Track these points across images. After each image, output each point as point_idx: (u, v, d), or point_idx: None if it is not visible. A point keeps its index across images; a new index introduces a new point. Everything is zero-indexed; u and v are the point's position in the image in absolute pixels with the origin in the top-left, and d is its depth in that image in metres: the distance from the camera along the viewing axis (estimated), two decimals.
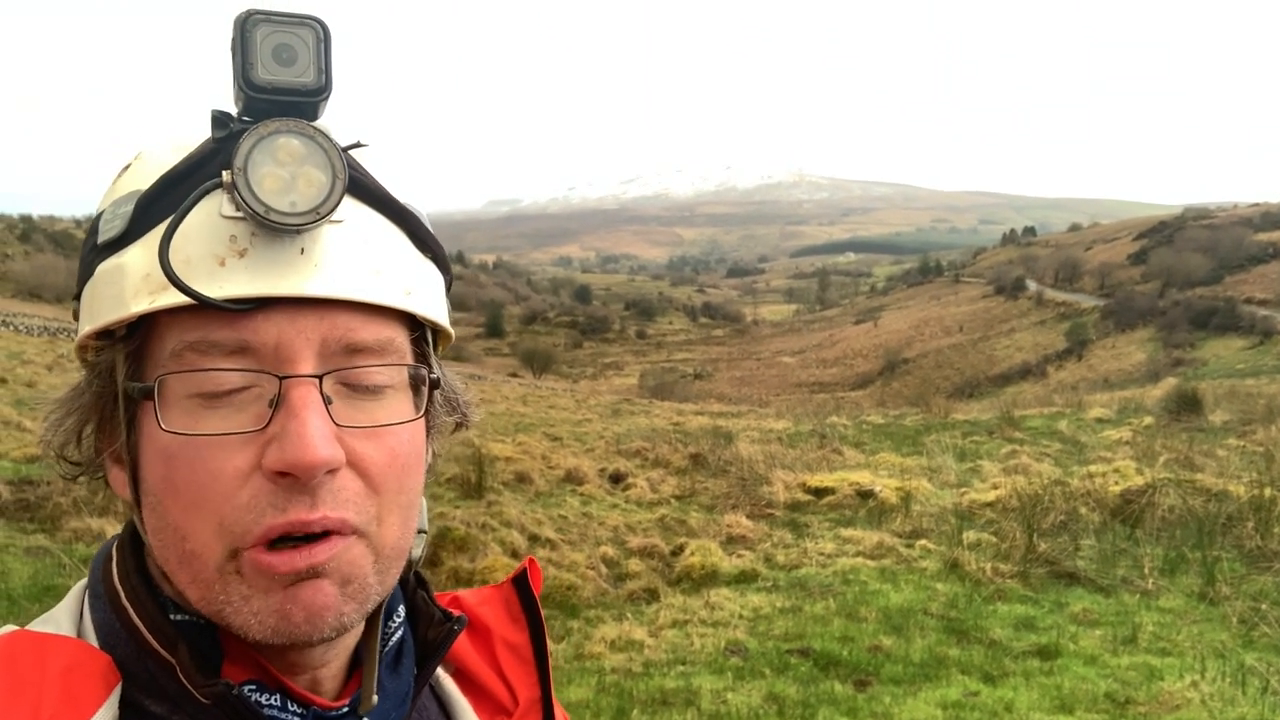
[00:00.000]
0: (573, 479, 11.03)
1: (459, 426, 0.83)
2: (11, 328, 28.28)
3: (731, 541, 8.08)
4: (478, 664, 0.88)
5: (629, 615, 6.19)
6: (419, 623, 0.81)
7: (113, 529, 7.10)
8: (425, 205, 0.80)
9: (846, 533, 8.14)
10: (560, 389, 46.93)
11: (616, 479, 11.33)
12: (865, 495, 9.51)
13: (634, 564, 7.38)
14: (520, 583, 0.91)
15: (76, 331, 0.72)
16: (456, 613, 0.82)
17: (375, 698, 0.74)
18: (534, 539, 7.64)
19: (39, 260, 64.06)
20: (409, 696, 0.78)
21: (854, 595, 6.45)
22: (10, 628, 0.68)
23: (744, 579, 7.01)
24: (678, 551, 7.67)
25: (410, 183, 0.78)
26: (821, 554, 7.53)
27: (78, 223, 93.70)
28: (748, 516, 8.92)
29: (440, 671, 0.86)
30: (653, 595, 6.70)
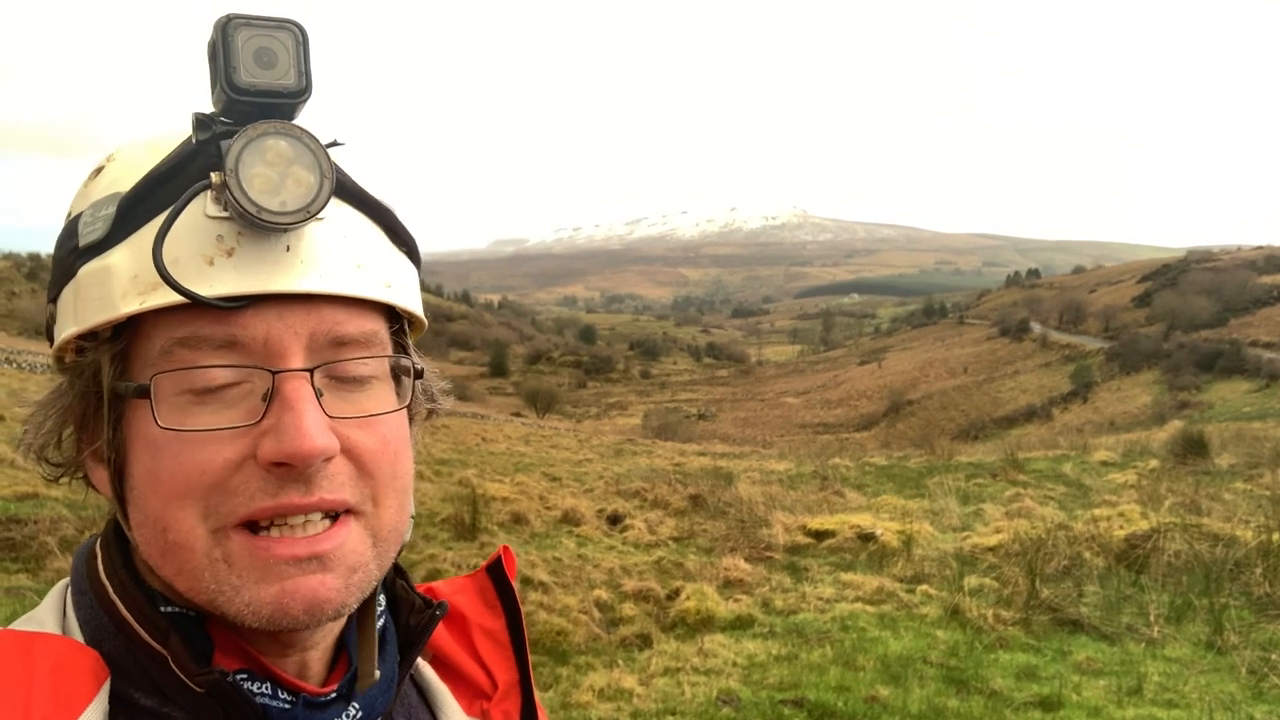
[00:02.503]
0: (570, 520, 10.89)
1: (430, 414, 0.86)
2: (14, 365, 28.31)
3: (729, 585, 7.91)
4: (455, 651, 0.90)
5: (620, 662, 6.04)
6: (400, 610, 0.83)
7: None
8: (431, 245, 0.80)
9: (846, 577, 7.98)
10: (563, 429, 46.80)
11: (614, 520, 11.17)
12: (866, 538, 9.34)
13: (628, 608, 7.22)
14: (495, 570, 0.93)
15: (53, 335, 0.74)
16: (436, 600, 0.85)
17: (376, 674, 0.76)
18: (526, 581, 7.49)
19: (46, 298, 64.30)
20: (394, 682, 0.79)
21: (852, 642, 6.29)
22: None
23: (740, 624, 6.85)
24: (673, 595, 7.51)
25: (418, 222, 0.81)
26: (820, 599, 7.37)
27: None
28: (746, 559, 8.75)
29: (418, 660, 0.87)
30: (646, 641, 6.54)
